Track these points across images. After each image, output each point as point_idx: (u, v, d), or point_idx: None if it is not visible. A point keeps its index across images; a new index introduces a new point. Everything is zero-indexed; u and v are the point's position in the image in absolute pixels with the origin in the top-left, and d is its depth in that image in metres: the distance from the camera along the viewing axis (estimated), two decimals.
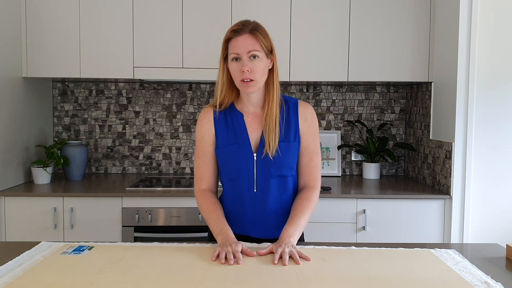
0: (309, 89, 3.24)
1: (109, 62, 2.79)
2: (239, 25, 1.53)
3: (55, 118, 3.21)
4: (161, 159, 3.24)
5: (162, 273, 1.25)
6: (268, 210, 1.59)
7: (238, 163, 1.57)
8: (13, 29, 2.70)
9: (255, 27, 1.52)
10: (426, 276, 1.26)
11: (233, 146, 1.57)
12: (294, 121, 1.59)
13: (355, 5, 2.80)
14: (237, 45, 1.49)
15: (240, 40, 1.49)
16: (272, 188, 1.57)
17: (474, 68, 2.46)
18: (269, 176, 1.56)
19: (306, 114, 1.61)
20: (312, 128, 1.61)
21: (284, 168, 1.58)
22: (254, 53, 1.49)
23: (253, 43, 1.49)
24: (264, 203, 1.58)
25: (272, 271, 1.28)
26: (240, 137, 1.57)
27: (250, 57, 1.49)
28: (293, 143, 1.58)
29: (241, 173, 1.57)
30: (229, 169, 1.59)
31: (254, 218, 1.60)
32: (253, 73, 1.49)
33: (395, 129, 3.27)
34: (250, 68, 1.48)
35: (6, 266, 1.31)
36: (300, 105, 1.61)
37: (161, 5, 2.78)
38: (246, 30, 1.50)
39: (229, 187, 1.62)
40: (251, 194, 1.58)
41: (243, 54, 1.48)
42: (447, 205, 2.56)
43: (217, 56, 2.75)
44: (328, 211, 2.56)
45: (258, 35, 1.50)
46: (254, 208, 1.59)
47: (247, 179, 1.57)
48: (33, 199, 2.53)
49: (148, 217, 2.53)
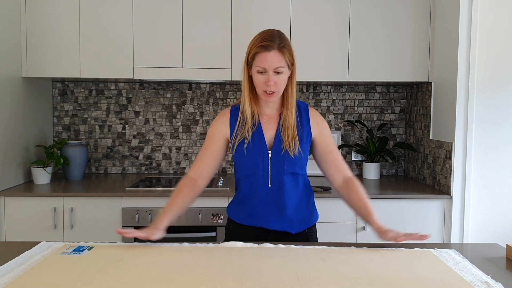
0: (309, 89, 3.24)
1: (109, 62, 2.79)
2: (267, 39, 1.57)
3: (55, 118, 3.21)
4: (161, 159, 3.24)
5: (162, 273, 1.25)
6: (283, 205, 1.68)
7: (254, 159, 1.67)
8: (13, 29, 2.70)
9: (283, 43, 1.58)
10: (426, 276, 1.26)
11: (249, 144, 1.66)
12: (306, 124, 1.70)
13: (355, 5, 2.80)
14: (265, 60, 1.56)
15: (269, 56, 1.56)
16: (286, 184, 1.67)
17: (474, 68, 2.46)
18: (283, 172, 1.66)
19: (317, 119, 1.73)
20: (325, 130, 1.73)
21: (297, 166, 1.68)
22: (279, 69, 1.57)
23: (280, 60, 1.56)
24: (278, 197, 1.68)
25: (272, 271, 1.28)
26: (257, 136, 1.67)
27: (276, 72, 1.57)
28: (305, 144, 1.69)
29: (257, 169, 1.67)
30: (246, 165, 1.69)
31: (269, 212, 1.69)
32: (277, 86, 1.59)
33: (395, 129, 3.27)
34: (275, 82, 1.58)
35: (6, 266, 1.31)
36: (310, 111, 1.73)
37: (161, 5, 2.78)
38: (275, 47, 1.56)
39: (246, 183, 1.72)
40: (266, 189, 1.68)
41: (270, 69, 1.57)
42: (447, 205, 2.56)
43: (217, 56, 2.78)
44: (328, 211, 2.56)
45: (285, 52, 1.57)
46: (269, 202, 1.69)
47: (262, 175, 1.67)
48: (33, 199, 2.53)
49: (148, 217, 2.53)
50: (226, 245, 1.52)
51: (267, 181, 1.67)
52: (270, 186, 1.67)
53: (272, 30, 1.62)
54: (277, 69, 1.56)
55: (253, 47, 1.59)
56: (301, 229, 1.73)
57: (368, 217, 1.62)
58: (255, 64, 1.58)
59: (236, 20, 2.78)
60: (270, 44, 1.55)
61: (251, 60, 1.60)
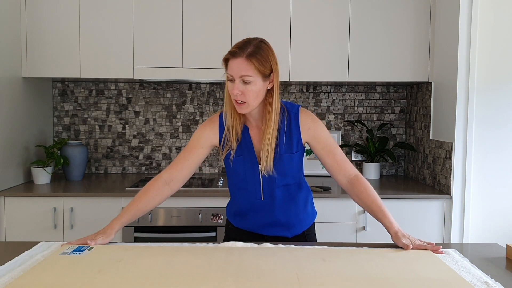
0: (309, 89, 3.24)
1: (109, 62, 2.79)
2: (238, 46, 1.51)
3: (55, 118, 3.21)
4: (161, 159, 3.24)
5: (162, 273, 1.25)
6: (276, 216, 1.67)
7: (245, 173, 1.64)
8: (13, 29, 2.70)
9: (253, 52, 1.48)
10: (426, 276, 1.26)
11: (239, 158, 1.62)
12: (296, 132, 1.61)
13: (355, 5, 2.80)
14: (231, 67, 1.50)
15: (235, 63, 1.49)
16: (278, 196, 1.65)
17: (474, 68, 2.46)
18: (274, 185, 1.63)
19: (308, 124, 1.62)
20: (319, 132, 1.63)
21: (288, 178, 1.64)
22: (246, 78, 1.48)
23: (246, 68, 1.47)
24: (272, 210, 1.66)
25: (272, 271, 1.28)
26: (246, 149, 1.62)
27: (243, 81, 1.49)
28: (295, 154, 1.62)
29: (248, 183, 1.65)
30: (237, 179, 1.67)
31: (264, 222, 1.68)
32: (245, 96, 1.50)
33: (395, 129, 3.27)
34: (242, 91, 1.49)
35: (6, 266, 1.31)
36: (301, 115, 1.62)
37: (161, 5, 2.78)
38: (242, 55, 1.48)
39: (239, 195, 1.71)
40: (259, 202, 1.66)
41: (236, 77, 1.49)
42: (447, 205, 2.56)
43: (217, 56, 2.77)
44: (328, 211, 2.56)
45: (253, 61, 1.47)
46: (263, 213, 1.67)
47: (254, 189, 1.65)
48: (33, 199, 2.53)
49: (148, 217, 2.53)
50: (226, 245, 1.52)
51: (259, 195, 1.64)
52: (262, 199, 1.65)
53: (250, 38, 1.54)
54: (243, 77, 1.48)
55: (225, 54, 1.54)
56: (299, 232, 1.71)
57: (383, 220, 1.53)
58: (227, 70, 1.53)
59: (236, 20, 2.78)
60: (237, 51, 1.48)
61: (225, 66, 1.54)
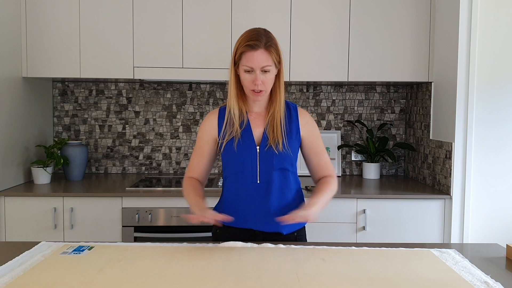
0: (309, 89, 3.24)
1: (109, 62, 2.79)
2: (253, 38, 1.56)
3: (55, 118, 3.21)
4: (161, 159, 3.24)
5: (162, 273, 1.25)
6: (271, 203, 1.66)
7: (242, 156, 1.65)
8: (13, 29, 2.70)
9: (269, 42, 1.57)
10: (426, 276, 1.26)
11: (238, 141, 1.66)
12: (295, 122, 1.70)
13: (355, 5, 2.80)
14: (252, 60, 1.56)
15: (256, 55, 1.55)
16: (274, 180, 1.66)
17: (474, 68, 2.46)
18: (272, 168, 1.65)
19: (306, 118, 1.73)
20: (314, 130, 1.73)
21: (285, 162, 1.67)
22: (266, 68, 1.57)
23: (267, 59, 1.56)
24: (267, 194, 1.66)
25: (272, 271, 1.28)
26: (245, 133, 1.66)
27: (263, 71, 1.57)
28: (294, 141, 1.68)
29: (245, 166, 1.65)
30: (234, 162, 1.68)
31: (257, 210, 1.66)
32: (264, 85, 1.59)
33: (395, 129, 3.27)
34: (262, 81, 1.58)
35: (6, 266, 1.31)
36: (299, 111, 1.73)
37: (161, 5, 2.78)
38: (261, 46, 1.55)
39: (233, 181, 1.70)
40: (254, 185, 1.65)
41: (257, 68, 1.56)
42: (447, 205, 2.56)
43: (217, 56, 2.78)
44: (328, 211, 2.56)
45: (272, 51, 1.57)
46: (257, 200, 1.66)
47: (250, 171, 1.65)
48: (33, 199, 2.53)
49: (148, 217, 2.53)
50: (226, 245, 1.52)
51: (256, 177, 1.65)
52: (258, 182, 1.65)
53: (258, 28, 1.62)
54: (264, 68, 1.56)
55: (239, 46, 1.58)
56: (291, 230, 1.70)
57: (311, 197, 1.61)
58: (242, 63, 1.57)
59: (236, 20, 2.78)
60: (256, 43, 1.55)
61: (238, 59, 1.59)
